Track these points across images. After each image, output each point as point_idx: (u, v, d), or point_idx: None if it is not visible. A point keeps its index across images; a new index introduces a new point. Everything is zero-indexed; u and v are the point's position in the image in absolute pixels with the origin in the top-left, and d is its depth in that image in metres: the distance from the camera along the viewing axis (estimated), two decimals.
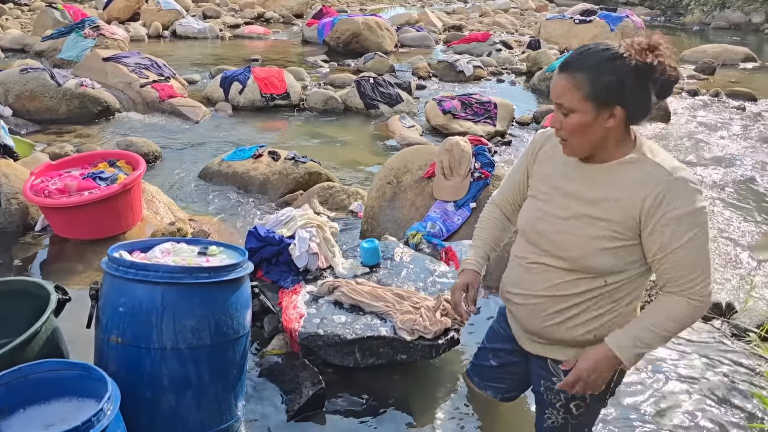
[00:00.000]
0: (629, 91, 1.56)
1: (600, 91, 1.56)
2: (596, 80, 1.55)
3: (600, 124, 1.59)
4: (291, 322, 2.66)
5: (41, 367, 1.88)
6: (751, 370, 2.91)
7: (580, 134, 1.62)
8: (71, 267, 3.54)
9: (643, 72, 1.54)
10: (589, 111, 1.58)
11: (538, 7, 20.31)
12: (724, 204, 5.18)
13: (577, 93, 1.57)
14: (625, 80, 1.54)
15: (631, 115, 1.60)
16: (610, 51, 1.57)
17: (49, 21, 10.50)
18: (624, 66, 1.54)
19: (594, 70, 1.56)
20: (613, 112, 1.58)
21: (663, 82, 1.56)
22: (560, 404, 1.89)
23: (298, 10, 16.10)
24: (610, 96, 1.56)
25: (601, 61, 1.56)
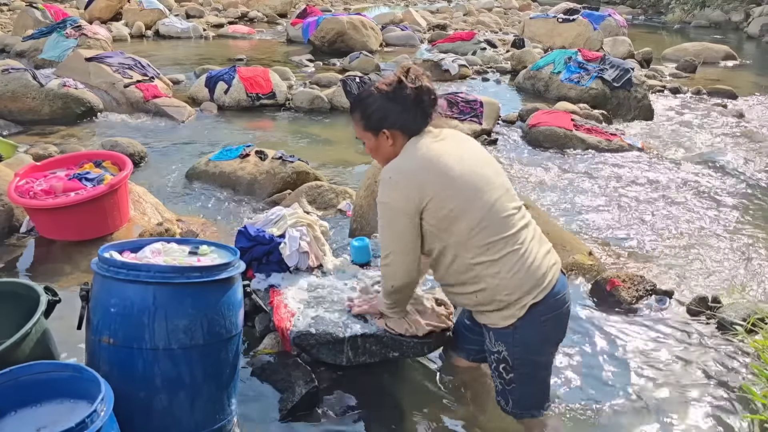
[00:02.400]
0: (390, 115, 2.05)
1: (369, 122, 2.09)
2: (364, 114, 2.10)
3: (384, 145, 2.11)
4: (282, 321, 2.65)
5: (32, 369, 1.86)
6: (739, 363, 2.95)
7: (376, 154, 2.18)
8: (58, 268, 3.51)
9: (393, 98, 2.05)
10: (371, 137, 2.12)
11: (522, 6, 20.41)
12: (707, 198, 5.25)
13: (359, 127, 2.14)
14: (382, 108, 2.05)
15: (404, 130, 2.07)
16: (369, 90, 2.11)
17: (29, 21, 10.37)
18: (379, 98, 2.06)
19: (361, 107, 2.11)
20: (386, 134, 2.07)
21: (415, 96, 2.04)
22: (494, 366, 2.15)
23: (282, 10, 16.04)
24: (377, 123, 2.07)
25: (363, 98, 2.11)
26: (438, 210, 1.98)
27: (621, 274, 3.64)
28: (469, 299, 2.10)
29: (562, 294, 2.08)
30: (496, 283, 2.00)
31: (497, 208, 2.02)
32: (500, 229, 2.01)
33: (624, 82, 8.18)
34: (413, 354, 2.63)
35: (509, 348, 2.06)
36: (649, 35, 16.57)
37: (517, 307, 2.00)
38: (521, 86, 9.25)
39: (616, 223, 4.67)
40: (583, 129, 6.69)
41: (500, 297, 2.01)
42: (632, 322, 3.30)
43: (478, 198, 2.00)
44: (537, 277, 2.02)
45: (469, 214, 1.98)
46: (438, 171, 2.00)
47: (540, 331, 2.06)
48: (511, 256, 2.00)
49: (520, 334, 2.03)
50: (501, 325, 2.05)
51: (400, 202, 1.99)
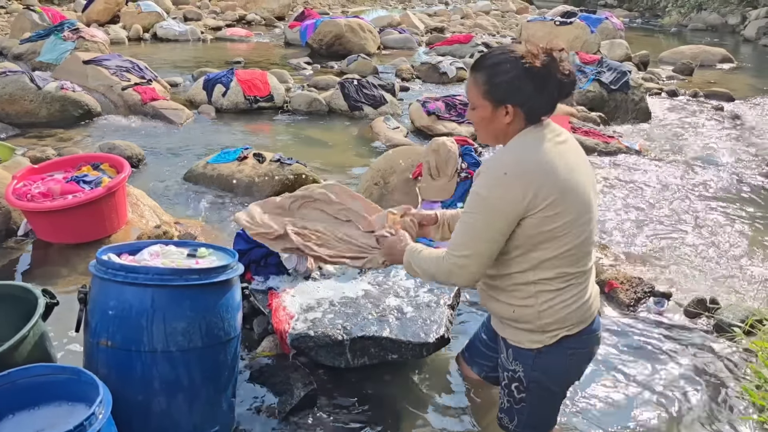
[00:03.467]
0: (522, 92, 1.76)
1: (494, 90, 1.78)
2: (491, 80, 1.78)
3: (499, 120, 1.81)
4: (281, 323, 2.65)
5: (30, 371, 1.85)
6: (737, 364, 2.95)
7: (483, 126, 1.86)
8: (55, 271, 3.50)
9: (536, 74, 1.75)
10: (488, 107, 1.80)
11: (519, 9, 20.45)
12: (704, 200, 5.26)
13: (477, 91, 1.81)
14: (518, 81, 1.75)
15: (528, 113, 1.79)
16: (506, 54, 1.78)
17: (27, 24, 10.36)
18: (517, 68, 1.75)
19: (490, 70, 1.78)
20: (508, 110, 1.78)
21: (559, 84, 1.77)
22: (505, 383, 2.03)
23: (279, 13, 16.04)
24: (503, 95, 1.77)
25: (497, 63, 1.78)
26: (543, 223, 1.75)
27: (619, 275, 3.65)
28: (505, 310, 1.92)
29: (595, 333, 1.97)
30: (544, 309, 1.84)
31: (588, 240, 1.85)
32: (580, 263, 1.85)
33: (621, 84, 8.20)
34: (412, 356, 2.63)
35: (527, 370, 1.94)
36: (646, 38, 16.62)
37: (549, 335, 1.88)
38: None
39: (613, 225, 4.68)
40: (581, 131, 6.70)
41: (540, 323, 1.86)
42: (630, 324, 3.30)
43: (580, 225, 1.80)
44: (581, 317, 1.89)
45: (567, 237, 1.78)
46: (560, 179, 1.75)
47: (563, 363, 1.94)
48: (572, 289, 1.85)
49: (542, 360, 1.91)
50: (525, 345, 1.91)
51: (507, 203, 1.74)
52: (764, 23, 16.93)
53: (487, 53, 1.84)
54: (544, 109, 1.81)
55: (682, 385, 2.82)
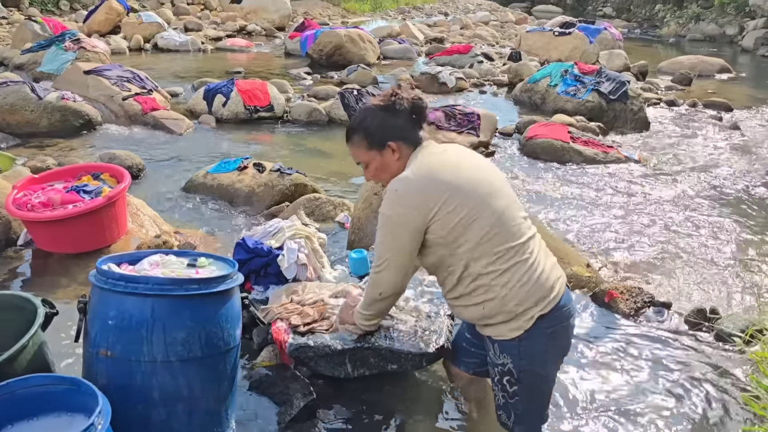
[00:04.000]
0: (392, 127, 2.07)
1: (373, 138, 2.08)
2: (365, 134, 2.09)
3: (390, 160, 2.09)
4: (280, 333, 2.65)
5: (29, 382, 1.85)
6: (738, 375, 2.95)
7: (383, 173, 2.13)
8: (55, 281, 3.50)
9: (390, 110, 2.08)
10: (377, 156, 2.10)
11: (518, 20, 20.55)
12: (703, 210, 5.26)
13: (361, 148, 2.11)
14: (384, 122, 2.07)
15: (407, 141, 2.08)
16: (363, 111, 2.16)
17: (28, 34, 10.40)
18: (376, 114, 2.09)
19: (360, 128, 2.10)
20: (393, 147, 2.07)
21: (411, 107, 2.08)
22: (497, 379, 2.12)
23: (280, 23, 16.11)
24: (381, 138, 2.07)
25: (361, 120, 2.12)
26: (448, 221, 1.96)
27: (619, 285, 3.65)
28: (475, 311, 2.06)
29: (567, 307, 2.07)
30: (505, 294, 1.98)
31: (507, 215, 2.01)
32: (510, 237, 1.99)
33: (620, 94, 8.23)
34: (411, 366, 2.62)
35: (515, 360, 2.04)
36: (645, 48, 16.69)
37: (524, 319, 1.98)
38: (518, 99, 9.30)
39: (613, 235, 4.68)
40: (580, 141, 6.72)
41: (509, 308, 1.98)
42: (630, 334, 3.30)
43: (488, 204, 1.99)
44: (545, 288, 2.00)
45: (479, 221, 1.96)
46: (445, 181, 1.98)
47: (546, 343, 2.04)
48: (521, 266, 1.99)
49: (525, 346, 2.01)
50: (507, 336, 2.02)
51: (405, 216, 1.98)
52: (762, 33, 17.02)
53: (350, 121, 2.20)
54: (415, 132, 2.10)
55: (682, 395, 2.81)
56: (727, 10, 19.24)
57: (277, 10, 16.33)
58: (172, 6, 16.51)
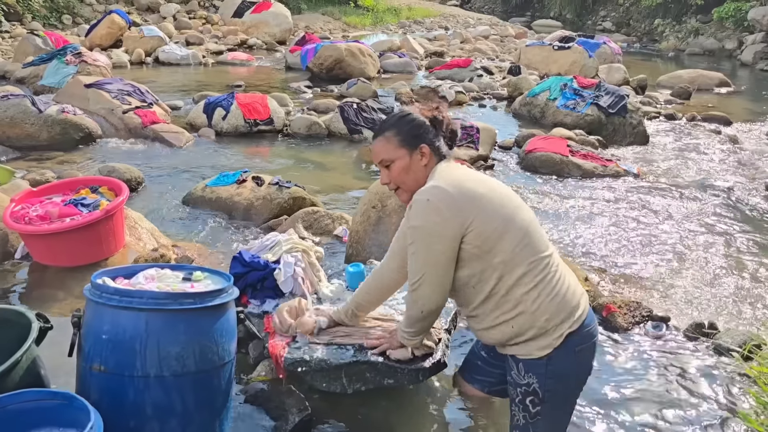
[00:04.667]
0: (428, 133, 2.07)
1: (408, 137, 2.06)
2: (401, 131, 2.07)
3: (417, 164, 2.06)
4: (276, 347, 2.63)
5: (21, 397, 1.84)
6: (736, 390, 2.93)
7: (405, 176, 2.08)
8: (51, 294, 3.49)
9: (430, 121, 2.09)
10: (405, 156, 2.06)
11: (518, 34, 20.64)
12: (702, 224, 5.26)
13: (391, 145, 2.07)
14: (422, 125, 2.08)
15: (436, 152, 2.08)
16: (400, 112, 2.14)
17: (30, 48, 10.45)
18: (416, 117, 2.09)
19: (397, 125, 2.09)
20: (423, 150, 2.05)
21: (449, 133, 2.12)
22: (518, 399, 2.05)
23: (281, 37, 16.19)
24: (416, 138, 2.06)
25: (400, 117, 2.11)
26: (483, 230, 1.93)
27: (617, 299, 3.63)
28: (503, 331, 2.00)
29: (592, 325, 2.04)
30: (536, 308, 1.94)
31: (534, 226, 2.02)
32: (539, 248, 1.98)
33: (619, 108, 8.25)
34: (408, 381, 2.60)
35: (541, 380, 1.98)
36: (644, 62, 16.76)
37: (554, 336, 1.94)
38: (517, 112, 9.32)
39: (612, 249, 4.67)
40: (579, 155, 6.73)
41: (539, 323, 1.94)
42: (628, 349, 3.28)
43: (517, 215, 1.98)
44: (573, 304, 1.98)
45: (512, 231, 1.95)
46: (478, 192, 1.97)
47: (574, 362, 2.00)
48: (551, 279, 1.97)
49: (554, 365, 1.96)
50: (535, 355, 1.97)
51: (440, 226, 1.93)
52: (761, 48, 17.09)
53: (384, 119, 2.17)
54: (445, 148, 2.11)
55: (680, 410, 2.79)
56: (725, 24, 19.34)
57: (279, 24, 16.42)
58: (174, 20, 16.60)
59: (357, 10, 23.31)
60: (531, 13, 28.23)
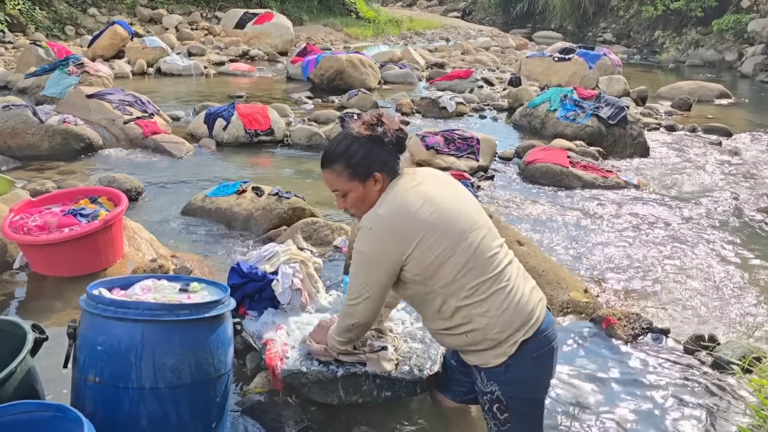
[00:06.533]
0: (378, 158, 2.01)
1: (358, 169, 2.01)
2: (349, 163, 2.01)
3: (371, 191, 2.04)
4: (273, 359, 2.62)
5: (14, 408, 1.83)
6: (735, 403, 2.91)
7: (360, 204, 2.06)
8: (50, 305, 3.48)
9: (375, 140, 2.02)
10: (359, 186, 2.03)
11: (518, 46, 20.70)
12: (703, 236, 5.24)
13: (343, 178, 2.03)
14: (371, 153, 2.00)
15: (389, 172, 2.04)
16: (347, 138, 2.04)
17: (32, 58, 10.49)
18: (362, 143, 2.01)
19: (344, 157, 2.02)
20: (376, 178, 2.02)
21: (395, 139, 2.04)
22: (487, 407, 2.09)
23: (282, 48, 16.25)
24: (367, 169, 2.01)
25: (346, 147, 2.02)
26: (422, 259, 1.96)
27: (617, 311, 3.62)
28: (459, 340, 2.06)
29: (550, 330, 2.07)
30: (486, 322, 1.98)
31: (482, 248, 2.01)
32: (486, 269, 1.99)
33: (619, 119, 8.26)
34: (405, 393, 2.59)
35: (502, 387, 2.03)
36: (644, 74, 16.79)
37: (507, 345, 1.98)
38: (518, 123, 9.34)
39: (611, 260, 4.66)
40: (579, 166, 6.73)
41: (491, 336, 1.98)
42: (627, 361, 3.26)
43: (463, 240, 1.98)
44: (526, 313, 2.01)
45: (454, 258, 1.96)
46: (420, 219, 1.96)
47: (532, 368, 2.03)
48: (499, 294, 1.99)
49: (512, 372, 2.01)
50: (492, 363, 2.01)
51: (379, 254, 1.97)
52: (761, 59, 17.12)
53: (329, 147, 2.08)
54: (395, 162, 2.07)
55: (679, 423, 2.77)
56: (726, 36, 19.39)
57: (280, 35, 16.50)
58: (176, 31, 16.68)
59: (358, 22, 23.42)
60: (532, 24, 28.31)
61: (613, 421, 2.77)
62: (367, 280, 2.03)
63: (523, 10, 28.89)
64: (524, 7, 28.77)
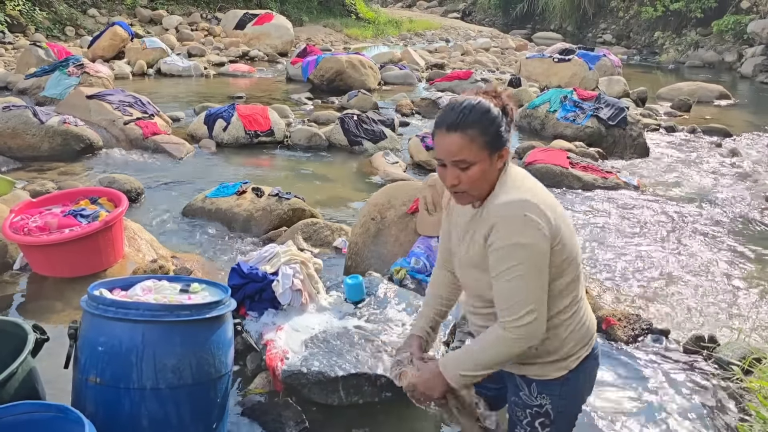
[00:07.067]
0: (506, 132, 1.75)
1: (494, 139, 1.72)
2: (487, 131, 1.71)
3: (494, 168, 1.75)
4: (274, 359, 2.63)
5: (16, 409, 1.83)
6: (736, 403, 2.91)
7: (479, 181, 1.74)
8: (50, 305, 3.48)
9: (504, 114, 1.75)
10: (486, 159, 1.73)
11: (518, 46, 20.71)
12: (702, 237, 5.25)
13: (474, 146, 1.71)
14: (504, 124, 1.74)
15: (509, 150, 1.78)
16: (482, 104, 1.74)
17: (33, 59, 10.50)
18: (497, 112, 1.73)
19: (482, 122, 1.72)
20: (502, 154, 1.75)
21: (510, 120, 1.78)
22: (527, 422, 1.93)
23: (282, 49, 16.26)
24: (501, 141, 1.73)
25: (483, 112, 1.72)
26: (562, 250, 1.75)
27: (616, 312, 3.62)
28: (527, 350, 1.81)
29: (597, 346, 2.00)
30: (565, 336, 1.83)
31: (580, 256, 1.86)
32: (581, 284, 1.87)
33: (619, 120, 8.27)
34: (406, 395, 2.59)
35: (554, 401, 1.89)
36: (644, 75, 16.80)
37: (572, 359, 1.87)
38: (517, 124, 9.34)
39: (611, 261, 4.66)
40: (579, 167, 6.73)
41: (565, 350, 1.85)
42: (627, 362, 3.26)
43: (579, 248, 1.83)
44: (593, 330, 1.93)
45: (576, 260, 1.81)
46: (561, 213, 1.77)
47: (585, 382, 1.95)
48: (582, 308, 1.88)
49: (568, 386, 1.89)
50: (551, 376, 1.87)
51: (543, 241, 1.68)
52: (760, 60, 17.13)
53: (460, 108, 1.74)
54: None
55: (678, 424, 2.77)
56: (725, 37, 19.41)
57: (280, 36, 16.50)
58: (176, 32, 16.69)
59: (358, 23, 23.43)
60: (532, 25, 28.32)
61: (612, 421, 2.77)
62: (537, 282, 1.70)
63: (522, 11, 28.90)
64: (524, 8, 28.78)
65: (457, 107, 1.74)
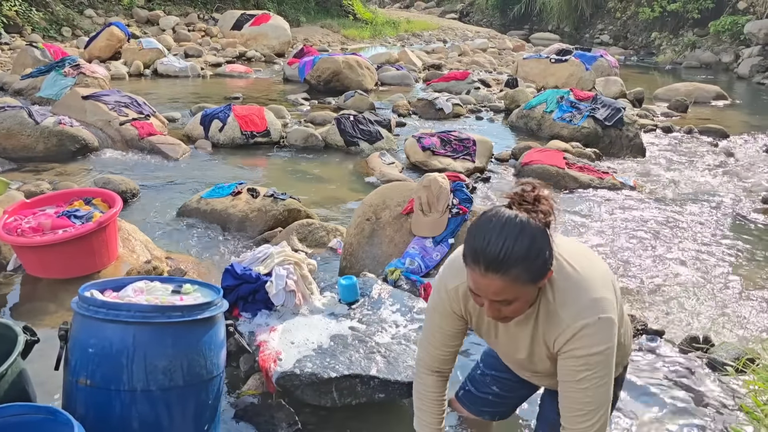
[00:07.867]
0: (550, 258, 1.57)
1: (539, 271, 1.56)
2: (532, 267, 1.54)
3: (536, 290, 1.63)
4: (266, 361, 2.62)
5: (5, 411, 1.82)
6: (730, 404, 2.91)
7: (522, 308, 1.62)
8: (43, 307, 3.47)
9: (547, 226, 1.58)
10: (532, 290, 1.59)
11: (515, 47, 20.72)
12: (698, 237, 5.25)
13: (518, 284, 1.54)
14: (546, 251, 1.55)
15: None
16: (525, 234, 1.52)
17: (29, 59, 10.48)
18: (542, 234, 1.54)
19: (527, 258, 1.52)
20: (548, 275, 1.60)
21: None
22: None
23: (279, 49, 16.25)
24: (546, 267, 1.58)
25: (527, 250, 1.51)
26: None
27: None
28: None
29: None
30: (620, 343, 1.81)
31: None
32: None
33: (615, 121, 8.27)
34: (399, 396, 2.59)
35: None
36: (641, 75, 16.81)
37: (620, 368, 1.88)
38: (514, 125, 9.34)
39: (607, 261, 4.66)
40: (576, 167, 6.73)
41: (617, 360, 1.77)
42: None
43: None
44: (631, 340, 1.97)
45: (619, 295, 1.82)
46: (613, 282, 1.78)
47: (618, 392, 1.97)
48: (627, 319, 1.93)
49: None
50: None
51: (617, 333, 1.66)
52: (757, 61, 17.15)
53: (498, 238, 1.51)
54: None
55: (672, 424, 2.76)
56: (722, 38, 19.43)
57: (277, 37, 16.49)
58: (173, 33, 16.66)
59: (356, 23, 23.43)
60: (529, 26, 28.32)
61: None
62: (609, 381, 1.65)
63: (520, 11, 28.91)
64: (521, 8, 28.79)
65: (495, 241, 1.52)
